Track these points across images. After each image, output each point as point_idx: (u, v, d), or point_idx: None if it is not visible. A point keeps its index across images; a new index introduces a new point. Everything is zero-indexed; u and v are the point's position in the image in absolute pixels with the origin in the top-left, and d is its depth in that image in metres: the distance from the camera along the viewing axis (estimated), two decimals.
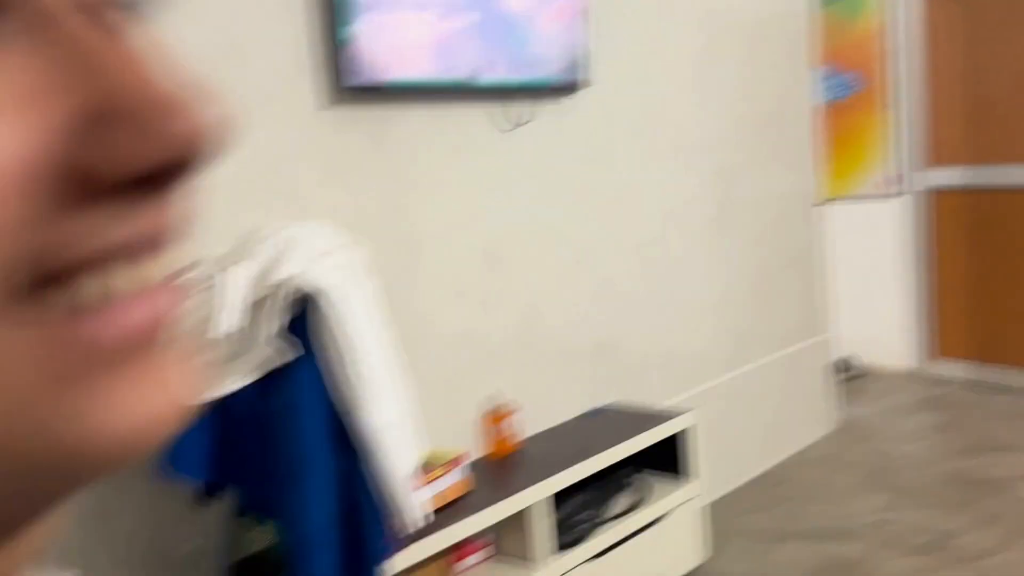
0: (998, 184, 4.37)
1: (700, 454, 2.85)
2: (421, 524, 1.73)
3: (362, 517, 1.66)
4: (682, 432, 2.80)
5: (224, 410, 1.64)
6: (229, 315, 1.56)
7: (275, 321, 1.57)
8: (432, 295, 2.49)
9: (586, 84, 2.72)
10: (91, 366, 0.25)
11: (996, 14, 4.30)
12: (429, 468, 2.20)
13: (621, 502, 2.67)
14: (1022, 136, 4.30)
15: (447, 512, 2.19)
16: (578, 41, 2.66)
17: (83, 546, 1.83)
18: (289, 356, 1.58)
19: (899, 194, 4.73)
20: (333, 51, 2.19)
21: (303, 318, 1.61)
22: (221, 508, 1.85)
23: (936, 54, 4.54)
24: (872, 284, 4.93)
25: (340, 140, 2.28)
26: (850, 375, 4.83)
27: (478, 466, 2.51)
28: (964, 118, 4.49)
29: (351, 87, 2.19)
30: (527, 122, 2.69)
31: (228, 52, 2.04)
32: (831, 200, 4.60)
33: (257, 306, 1.59)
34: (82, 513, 1.83)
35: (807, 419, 4.00)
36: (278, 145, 2.14)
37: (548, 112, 2.77)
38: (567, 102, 2.81)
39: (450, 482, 2.25)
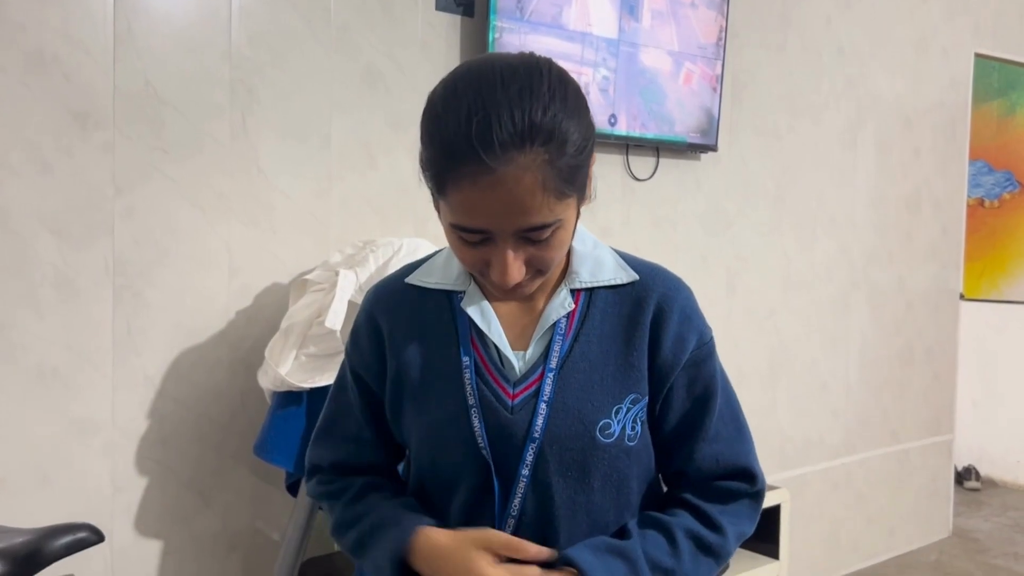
0: None
1: (788, 536, 2.77)
2: None
3: None
4: (771, 510, 2.73)
5: (317, 403, 1.74)
6: (335, 314, 1.68)
7: None
8: None
9: (713, 148, 2.76)
10: None
11: None
12: None
13: None
14: None
15: None
16: (710, 106, 2.71)
17: (185, 514, 1.97)
18: None
19: None
20: None
21: None
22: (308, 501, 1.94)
23: None
24: (1003, 394, 4.67)
25: None
26: (971, 484, 4.57)
27: None
28: None
29: None
30: (650, 177, 2.74)
31: (385, 80, 2.21)
32: (970, 298, 4.41)
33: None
34: (183, 485, 1.98)
35: (917, 522, 3.80)
36: (409, 169, 2.28)
37: (673, 171, 2.81)
38: (694, 163, 2.85)
39: None
